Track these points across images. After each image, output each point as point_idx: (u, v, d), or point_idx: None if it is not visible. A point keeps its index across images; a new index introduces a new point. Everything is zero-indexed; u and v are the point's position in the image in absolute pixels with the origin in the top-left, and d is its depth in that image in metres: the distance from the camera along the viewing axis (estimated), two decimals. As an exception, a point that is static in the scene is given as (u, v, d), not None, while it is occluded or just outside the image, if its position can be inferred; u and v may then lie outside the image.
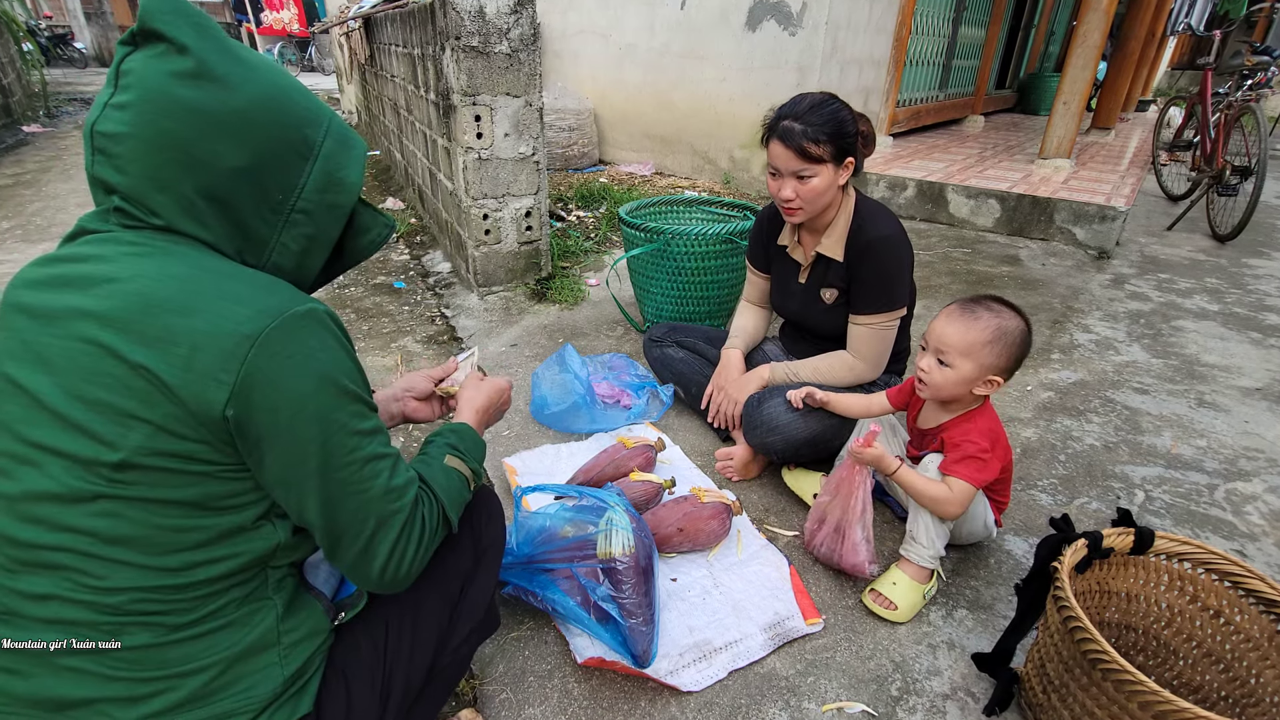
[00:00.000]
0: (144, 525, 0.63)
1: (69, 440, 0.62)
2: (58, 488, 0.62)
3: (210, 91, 0.65)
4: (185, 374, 0.61)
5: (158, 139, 0.64)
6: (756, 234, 1.80)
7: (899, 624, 1.29)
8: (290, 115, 0.70)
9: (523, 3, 2.44)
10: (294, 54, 13.64)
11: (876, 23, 4.48)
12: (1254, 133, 3.64)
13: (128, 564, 0.63)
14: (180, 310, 0.62)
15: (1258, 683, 1.03)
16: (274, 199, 0.70)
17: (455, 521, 0.84)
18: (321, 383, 0.67)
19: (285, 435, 0.65)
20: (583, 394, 1.87)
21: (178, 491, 0.64)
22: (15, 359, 0.64)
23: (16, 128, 6.26)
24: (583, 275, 3.08)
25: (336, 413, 0.68)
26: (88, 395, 0.61)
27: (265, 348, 0.63)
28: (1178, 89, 11.09)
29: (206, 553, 0.67)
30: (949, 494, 1.25)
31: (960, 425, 1.32)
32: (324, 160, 0.72)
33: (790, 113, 1.45)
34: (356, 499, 0.71)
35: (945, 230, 3.98)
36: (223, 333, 0.62)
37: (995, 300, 1.30)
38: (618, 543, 1.16)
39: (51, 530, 0.62)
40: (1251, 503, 1.69)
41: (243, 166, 0.67)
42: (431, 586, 0.90)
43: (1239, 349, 2.56)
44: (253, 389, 0.63)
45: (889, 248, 1.52)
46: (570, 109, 5.00)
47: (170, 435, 0.62)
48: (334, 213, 0.75)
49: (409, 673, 0.85)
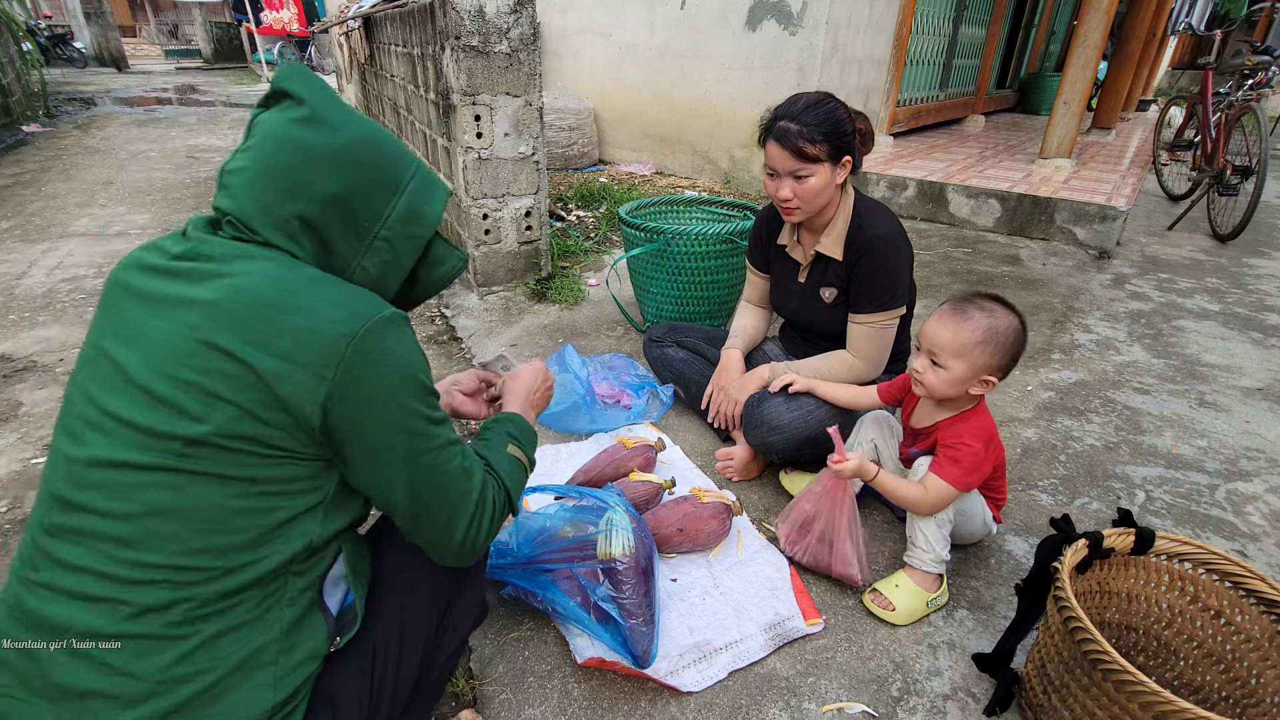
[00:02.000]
0: (200, 500, 0.66)
1: (146, 413, 0.66)
2: (124, 456, 0.66)
3: (318, 132, 0.75)
4: (286, 365, 0.67)
5: (268, 169, 0.74)
6: (756, 234, 1.79)
7: (897, 626, 1.29)
8: (383, 155, 0.80)
9: (522, 2, 2.44)
10: (294, 54, 13.62)
11: (877, 22, 4.48)
12: (1255, 132, 3.64)
13: (170, 538, 0.65)
14: (284, 307, 0.69)
15: (1258, 683, 1.03)
16: (360, 225, 0.78)
17: (518, 506, 0.93)
18: (406, 378, 0.74)
19: (376, 426, 0.73)
20: (583, 394, 1.87)
21: (242, 469, 0.68)
22: (114, 335, 0.71)
23: (16, 128, 6.25)
24: (583, 275, 3.08)
25: (418, 404, 0.76)
26: (178, 375, 0.66)
27: (360, 346, 0.70)
28: (1179, 89, 11.08)
29: (250, 538, 0.69)
30: (923, 494, 1.26)
31: (954, 426, 1.31)
32: (409, 196, 0.81)
33: (786, 113, 1.45)
34: (437, 480, 0.78)
35: (946, 230, 3.98)
36: (322, 330, 0.69)
37: (988, 298, 1.28)
38: (618, 543, 1.16)
39: (106, 496, 0.65)
40: (1252, 503, 1.69)
41: (336, 194, 0.76)
42: (418, 603, 0.89)
43: (1240, 349, 2.55)
44: (350, 383, 0.70)
45: (888, 247, 1.52)
46: (570, 109, 4.99)
47: (253, 419, 0.67)
48: (412, 243, 0.83)
49: (395, 691, 0.84)
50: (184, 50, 17.62)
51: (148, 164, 5.24)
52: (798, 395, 1.58)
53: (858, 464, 1.26)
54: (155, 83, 11.58)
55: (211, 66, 15.16)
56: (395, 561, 0.90)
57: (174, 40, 20.99)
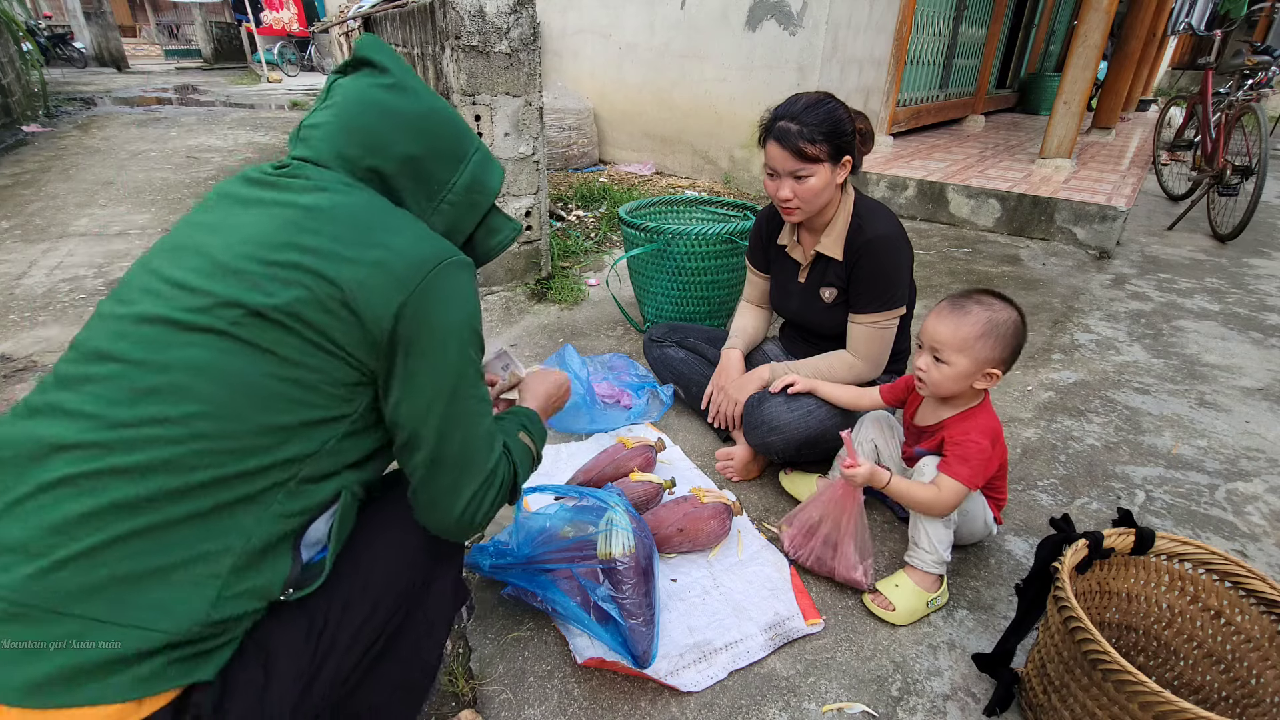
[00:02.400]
0: (241, 369, 0.67)
1: (212, 281, 0.69)
2: (175, 315, 0.68)
3: (402, 98, 0.82)
4: (372, 271, 0.71)
5: (350, 124, 0.80)
6: (756, 234, 1.79)
7: (897, 626, 1.29)
8: (454, 128, 0.87)
9: (522, 2, 2.43)
10: (294, 54, 13.61)
11: (877, 22, 4.48)
12: (1255, 132, 3.64)
13: (198, 396, 0.65)
14: (382, 226, 0.75)
15: (1258, 683, 1.03)
16: (431, 188, 0.85)
17: (520, 492, 0.92)
18: (470, 317, 0.79)
19: (435, 352, 0.75)
20: (583, 394, 1.87)
21: (292, 351, 0.69)
22: (202, 226, 0.75)
23: (16, 128, 6.25)
24: (583, 275, 3.07)
25: (473, 351, 0.80)
26: (258, 255, 0.70)
27: (442, 275, 0.75)
28: (1179, 89, 11.08)
29: (272, 422, 0.68)
30: (937, 495, 1.25)
31: (961, 424, 1.31)
32: (473, 167, 0.88)
33: (786, 113, 1.45)
34: (465, 432, 0.80)
35: (946, 230, 3.98)
36: (414, 250, 0.74)
37: (985, 293, 1.29)
38: (618, 543, 1.16)
39: (144, 348, 0.67)
40: (1252, 503, 1.69)
41: (414, 156, 0.82)
42: (387, 580, 0.84)
43: (1240, 349, 2.55)
44: (425, 302, 0.73)
45: (888, 247, 1.52)
46: (570, 109, 4.99)
47: (320, 309, 0.69)
48: (474, 209, 0.89)
49: (339, 667, 0.79)
50: (184, 50, 17.61)
51: (148, 164, 5.24)
52: (798, 395, 1.58)
53: (870, 471, 1.25)
54: (155, 83, 11.58)
55: (211, 66, 15.16)
56: (368, 539, 0.86)
57: (174, 40, 20.99)
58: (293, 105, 9.06)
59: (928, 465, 1.31)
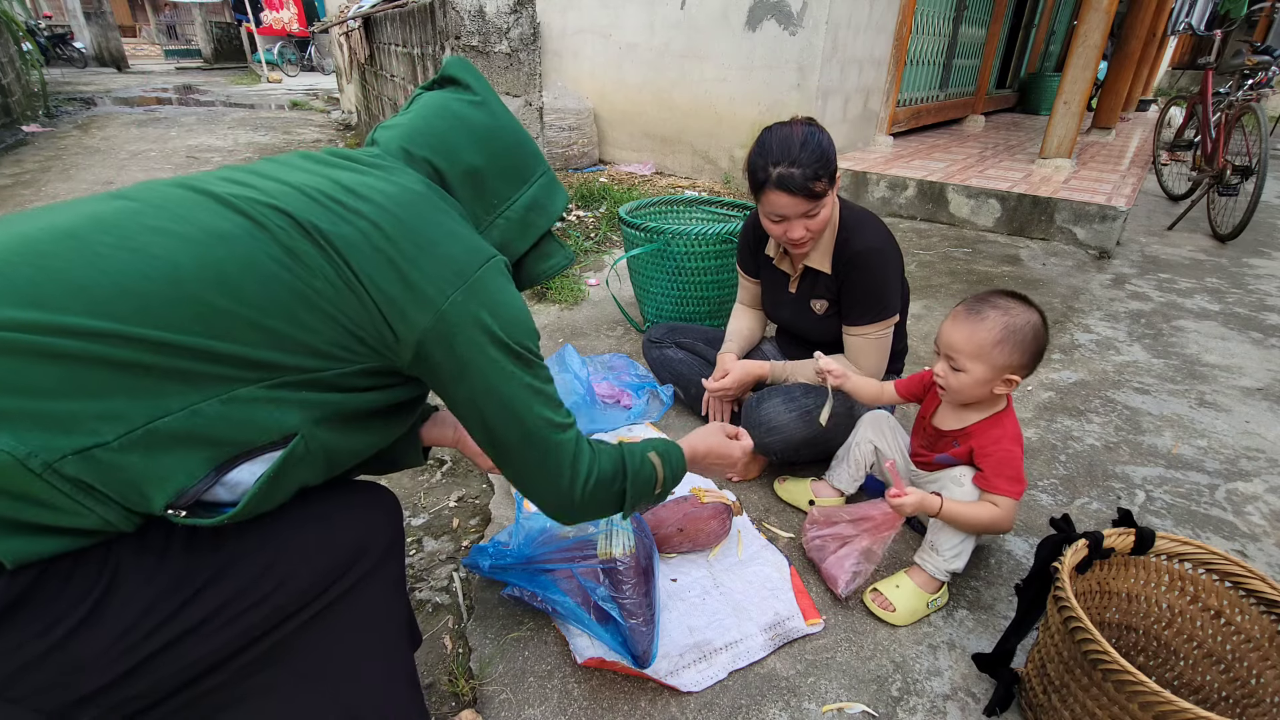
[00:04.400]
0: (263, 259, 0.64)
1: (267, 185, 0.69)
2: (219, 190, 0.67)
3: (479, 111, 0.85)
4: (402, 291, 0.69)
5: (421, 129, 0.83)
6: (744, 241, 1.78)
7: (897, 626, 1.29)
8: (525, 149, 0.88)
9: (522, 2, 2.44)
10: (294, 54, 13.62)
11: (877, 22, 4.48)
12: (1255, 132, 3.64)
13: (204, 261, 0.62)
14: (430, 230, 0.73)
15: (1258, 683, 1.03)
16: (489, 201, 0.85)
17: (627, 509, 0.92)
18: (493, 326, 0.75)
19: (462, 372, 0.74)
20: (583, 394, 1.87)
21: (321, 278, 0.66)
22: (257, 173, 0.72)
23: (16, 128, 6.25)
24: (583, 275, 3.07)
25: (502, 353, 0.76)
26: (320, 187, 0.70)
27: (474, 285, 0.74)
28: (1179, 89, 11.08)
29: (267, 320, 0.64)
30: (998, 513, 1.23)
31: (990, 432, 1.28)
32: (536, 189, 0.88)
33: (783, 158, 1.37)
34: (519, 423, 0.78)
35: (946, 230, 3.98)
36: (449, 267, 0.73)
37: (1004, 295, 1.25)
38: (618, 543, 1.16)
39: (173, 202, 0.66)
40: (1252, 503, 1.69)
41: (477, 167, 0.83)
42: (295, 570, 0.72)
43: (1240, 349, 2.55)
44: (444, 331, 0.71)
45: (876, 259, 1.50)
46: (570, 109, 4.99)
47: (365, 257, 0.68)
48: (530, 230, 0.88)
49: (198, 648, 0.64)
50: (184, 50, 17.62)
51: (148, 164, 5.24)
52: (796, 396, 1.58)
53: (919, 499, 1.23)
54: (155, 83, 11.58)
55: (211, 66, 15.17)
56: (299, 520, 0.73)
57: (174, 40, 20.99)
58: (293, 105, 9.06)
59: (964, 477, 1.29)
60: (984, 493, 1.25)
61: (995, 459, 1.25)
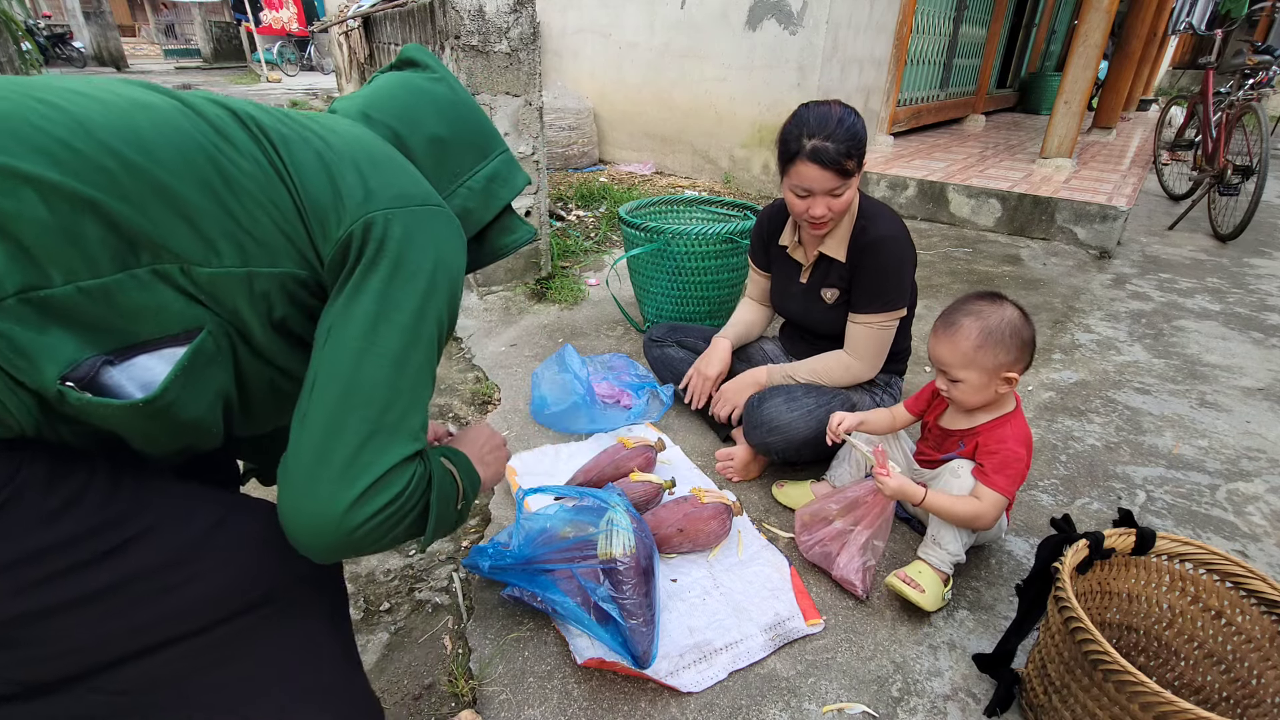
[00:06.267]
0: (189, 130, 0.60)
1: (201, 95, 0.66)
2: (149, 85, 0.64)
3: (440, 86, 0.85)
4: (359, 179, 0.67)
5: (384, 95, 0.82)
6: (757, 233, 1.79)
7: (926, 610, 1.27)
8: (485, 127, 0.88)
9: (522, 2, 2.43)
10: (293, 53, 13.61)
11: (877, 22, 4.47)
12: (1255, 132, 3.64)
13: (122, 121, 0.57)
14: (380, 156, 0.72)
15: (1259, 683, 1.03)
16: (451, 170, 0.84)
17: (430, 533, 0.69)
18: (439, 265, 0.70)
19: (395, 280, 0.66)
20: (583, 394, 1.87)
21: (248, 158, 0.62)
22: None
23: (16, 127, 6.24)
24: (583, 275, 3.07)
25: (440, 305, 0.70)
26: (264, 109, 0.68)
27: (432, 213, 0.72)
28: (1179, 88, 11.08)
29: (180, 188, 0.57)
30: (981, 507, 1.23)
31: (996, 430, 1.30)
32: (497, 163, 0.88)
33: (819, 130, 1.39)
34: (399, 381, 0.64)
35: (946, 230, 3.98)
36: (410, 185, 0.72)
37: (975, 299, 1.27)
38: (618, 543, 1.16)
39: (97, 82, 0.61)
40: (1253, 503, 1.68)
41: (440, 137, 0.83)
42: (197, 576, 0.63)
43: (1240, 349, 2.55)
44: (400, 224, 0.68)
45: (892, 248, 1.51)
46: (570, 108, 4.99)
47: (300, 153, 0.66)
48: (492, 200, 0.88)
49: (77, 631, 0.56)
50: (183, 50, 17.60)
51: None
52: (797, 396, 1.58)
53: (900, 484, 1.24)
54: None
55: (211, 66, 15.15)
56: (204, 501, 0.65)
57: (173, 40, 20.98)
58: (292, 105, 9.05)
59: (962, 468, 1.29)
60: (977, 484, 1.26)
61: (1000, 457, 1.26)
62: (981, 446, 1.29)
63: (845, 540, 1.33)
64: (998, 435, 1.29)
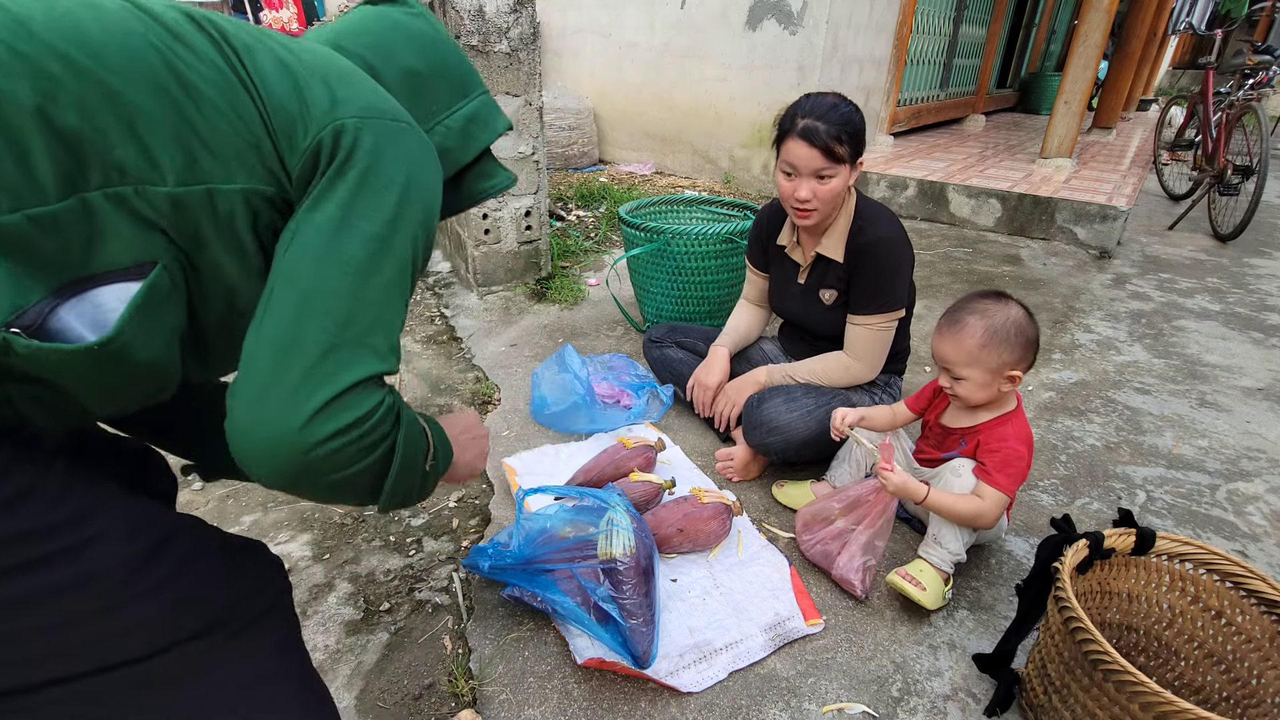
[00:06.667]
0: (142, 32, 0.55)
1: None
2: None
3: (420, 21, 0.82)
4: (330, 86, 0.64)
5: (357, 26, 0.79)
6: (756, 233, 1.79)
7: (927, 609, 1.27)
8: (464, 66, 0.84)
9: (522, 2, 2.43)
10: (294, 53, 13.63)
11: (877, 21, 4.47)
12: (1256, 132, 3.64)
13: (70, 24, 0.51)
14: (349, 71, 0.69)
15: (1259, 683, 1.03)
16: (428, 108, 0.80)
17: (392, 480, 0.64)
18: (412, 181, 0.66)
19: (365, 189, 0.62)
20: (583, 394, 1.87)
21: (207, 62, 0.58)
22: None
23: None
24: (583, 275, 3.07)
25: (415, 220, 0.66)
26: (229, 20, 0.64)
27: (409, 130, 0.69)
28: (1179, 88, 11.07)
29: (133, 96, 0.52)
30: (983, 506, 1.23)
31: (997, 429, 1.30)
32: (476, 104, 0.84)
33: (812, 111, 1.41)
34: (364, 292, 0.60)
35: (946, 230, 3.98)
36: (365, 99, 0.67)
37: (980, 297, 1.28)
38: (618, 543, 1.16)
39: None
40: (1253, 503, 1.68)
41: (414, 69, 0.79)
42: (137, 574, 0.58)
43: (1241, 349, 2.55)
44: (373, 134, 0.64)
45: (889, 249, 1.51)
46: (570, 108, 4.99)
47: (265, 62, 0.62)
48: (470, 141, 0.83)
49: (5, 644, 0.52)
50: (184, 50, 17.60)
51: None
52: (797, 396, 1.58)
53: (903, 480, 1.24)
54: None
55: (212, 66, 15.16)
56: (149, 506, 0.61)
57: (174, 40, 20.96)
58: (293, 105, 9.05)
59: (963, 467, 1.29)
60: (979, 482, 1.26)
61: (1001, 456, 1.26)
62: (983, 445, 1.30)
63: (846, 540, 1.33)
64: (999, 434, 1.29)
